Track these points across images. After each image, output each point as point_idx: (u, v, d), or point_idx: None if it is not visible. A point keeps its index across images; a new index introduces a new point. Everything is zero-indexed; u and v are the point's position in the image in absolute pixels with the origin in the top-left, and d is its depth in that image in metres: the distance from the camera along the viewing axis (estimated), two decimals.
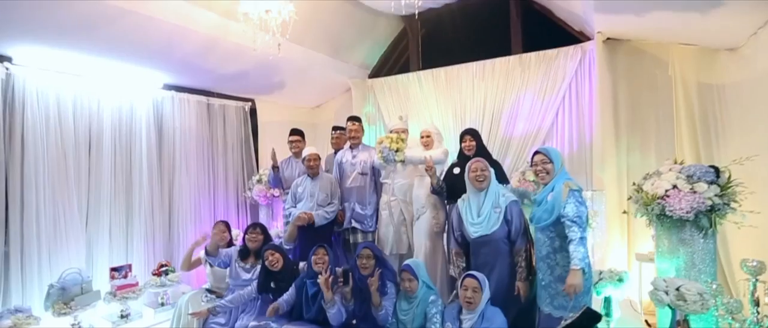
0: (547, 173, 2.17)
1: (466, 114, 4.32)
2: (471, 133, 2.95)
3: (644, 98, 3.59)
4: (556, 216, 2.06)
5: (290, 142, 3.73)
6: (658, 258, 2.53)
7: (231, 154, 4.48)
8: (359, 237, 3.32)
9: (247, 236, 3.01)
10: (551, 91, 3.90)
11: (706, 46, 3.27)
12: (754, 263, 2.15)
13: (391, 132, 3.15)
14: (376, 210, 3.36)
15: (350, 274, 2.52)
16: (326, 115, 5.39)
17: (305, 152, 3.40)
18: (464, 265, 2.50)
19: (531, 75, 4.00)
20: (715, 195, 2.22)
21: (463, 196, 2.57)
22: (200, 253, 3.20)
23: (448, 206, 3.05)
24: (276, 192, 4.18)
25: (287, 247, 3.06)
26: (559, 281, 2.07)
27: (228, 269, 3.11)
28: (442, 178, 2.98)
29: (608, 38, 3.57)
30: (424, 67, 4.71)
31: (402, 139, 2.93)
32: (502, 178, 2.82)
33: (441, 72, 4.50)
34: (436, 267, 2.94)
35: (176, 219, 3.91)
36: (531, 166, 2.31)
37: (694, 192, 2.24)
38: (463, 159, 2.85)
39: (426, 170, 2.86)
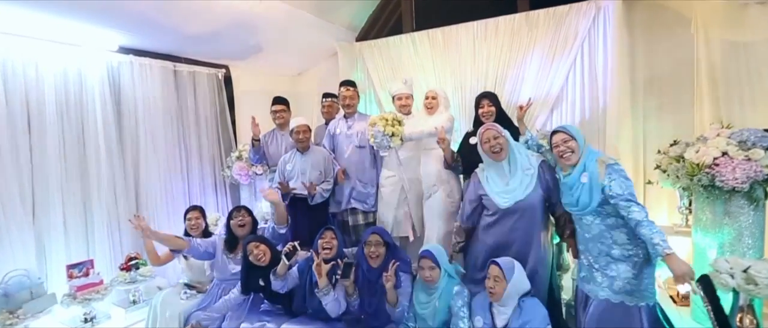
0: (572, 151, 1.89)
1: (466, 79, 3.94)
2: (489, 98, 2.57)
3: (663, 59, 3.33)
4: (599, 198, 1.79)
5: (274, 112, 3.26)
6: (696, 232, 2.31)
7: (205, 128, 3.95)
8: (360, 218, 2.96)
9: (231, 223, 2.60)
10: (561, 53, 3.56)
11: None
12: None
13: (396, 97, 2.72)
14: (377, 187, 2.99)
15: (353, 268, 2.17)
16: (309, 83, 4.89)
17: (293, 123, 2.96)
18: (462, 243, 2.29)
19: (539, 34, 3.64)
20: None
21: (481, 165, 2.25)
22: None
23: (464, 182, 2.71)
24: (259, 169, 3.73)
25: (281, 231, 2.65)
26: (620, 261, 1.81)
27: (210, 261, 2.70)
28: (455, 149, 2.62)
29: None
30: (419, 28, 4.26)
31: (398, 121, 2.50)
32: None
33: (438, 33, 4.06)
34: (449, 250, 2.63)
35: (145, 204, 3.41)
36: (550, 148, 2.00)
37: (749, 160, 1.99)
38: (478, 127, 2.49)
39: (438, 143, 2.49)
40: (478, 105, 2.57)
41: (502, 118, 2.52)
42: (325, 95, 3.34)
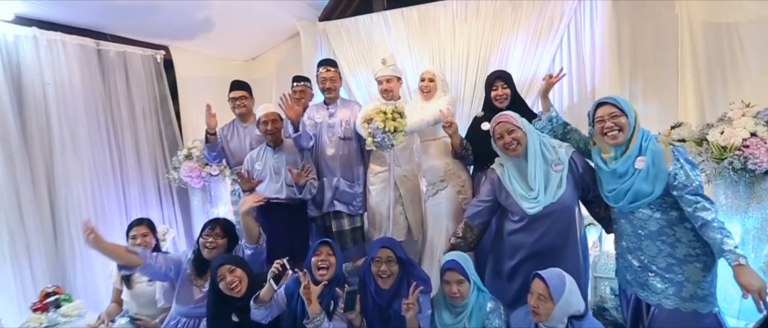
0: (620, 129, 1.57)
1: (446, 62, 3.64)
2: (504, 79, 2.23)
3: (647, 41, 3.25)
4: (662, 188, 1.52)
5: (233, 99, 2.70)
6: None
7: (142, 121, 3.26)
8: (345, 223, 2.53)
9: (201, 241, 2.04)
10: (547, 34, 3.37)
11: None
12: None
13: (382, 88, 2.31)
14: (365, 186, 2.58)
15: (357, 296, 1.75)
16: (266, 69, 4.30)
17: (259, 112, 2.44)
18: (462, 242, 1.95)
19: (523, 15, 3.42)
20: None
21: (498, 160, 1.93)
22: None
23: (475, 174, 2.37)
24: (214, 169, 3.13)
25: (248, 251, 2.11)
26: (686, 262, 1.55)
27: (164, 286, 2.13)
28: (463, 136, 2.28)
29: None
30: (391, 6, 3.86)
31: (399, 113, 2.05)
32: None
33: (413, 12, 3.70)
34: None
35: (64, 220, 2.69)
36: (591, 124, 1.70)
37: None
38: (491, 112, 2.17)
39: (445, 128, 2.13)
40: (491, 86, 2.23)
41: (517, 102, 2.22)
42: (297, 79, 2.83)
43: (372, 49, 3.85)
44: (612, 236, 1.86)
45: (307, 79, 2.85)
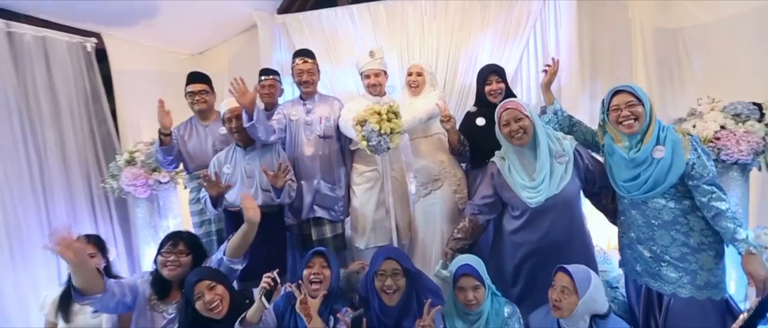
0: (636, 119, 1.57)
1: (415, 61, 3.51)
2: (498, 73, 2.18)
3: (605, 44, 3.44)
4: (678, 177, 1.53)
5: (191, 94, 2.36)
6: None
7: (68, 120, 2.75)
8: (327, 230, 2.31)
9: (160, 259, 1.70)
10: (514, 34, 3.42)
11: None
12: None
13: (364, 75, 2.14)
14: (348, 189, 2.38)
15: (363, 320, 1.56)
16: (216, 64, 3.89)
17: (223, 108, 2.15)
18: (468, 242, 1.88)
19: (491, 14, 3.44)
20: (765, 134, 2.03)
21: (499, 153, 1.85)
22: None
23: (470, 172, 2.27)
24: (164, 175, 2.73)
25: (235, 267, 1.81)
26: (700, 251, 1.56)
27: (111, 318, 1.76)
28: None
29: None
30: (356, 1, 3.69)
31: (395, 113, 1.89)
32: None
33: (380, 7, 3.57)
34: None
35: None
36: (605, 112, 1.68)
37: (747, 132, 2.01)
38: (485, 107, 2.09)
39: (442, 122, 2.01)
40: (485, 81, 2.16)
41: (510, 97, 2.15)
42: (265, 72, 2.54)
43: (337, 44, 3.65)
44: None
45: (276, 73, 2.59)
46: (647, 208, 1.61)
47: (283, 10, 3.80)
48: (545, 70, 1.98)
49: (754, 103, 2.11)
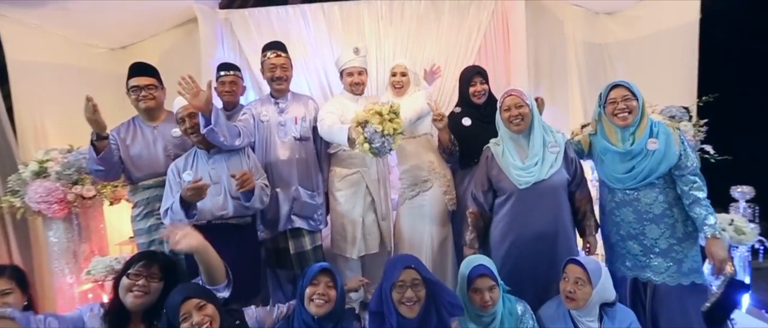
0: (630, 112, 1.70)
1: (372, 65, 3.46)
2: (482, 75, 2.20)
3: (546, 54, 3.72)
4: (668, 167, 1.67)
5: (136, 89, 1.98)
6: None
7: None
8: (306, 242, 2.10)
9: (126, 282, 1.36)
10: (466, 44, 3.56)
11: (588, 8, 3.61)
12: None
13: (345, 72, 2.04)
14: (327, 195, 2.19)
15: None
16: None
17: (176, 106, 1.85)
18: (473, 235, 1.88)
19: (445, 23, 3.54)
20: (695, 133, 2.36)
21: (494, 140, 1.91)
22: None
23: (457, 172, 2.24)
24: (88, 190, 2.25)
25: (223, 294, 1.49)
26: (684, 240, 1.70)
27: None
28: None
29: None
30: (309, 0, 3.52)
31: (395, 113, 1.77)
32: None
33: (334, 8, 3.45)
34: (446, 263, 2.12)
35: None
36: (602, 106, 1.80)
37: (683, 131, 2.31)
38: (469, 107, 2.10)
39: (435, 122, 1.97)
40: (469, 82, 2.17)
41: (491, 99, 2.20)
42: (224, 67, 2.25)
43: (289, 44, 3.36)
44: None
45: (236, 68, 2.31)
46: (639, 203, 1.73)
47: (225, 4, 3.46)
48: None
49: (683, 107, 2.45)
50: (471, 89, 2.15)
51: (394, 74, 2.25)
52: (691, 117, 2.45)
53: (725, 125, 2.67)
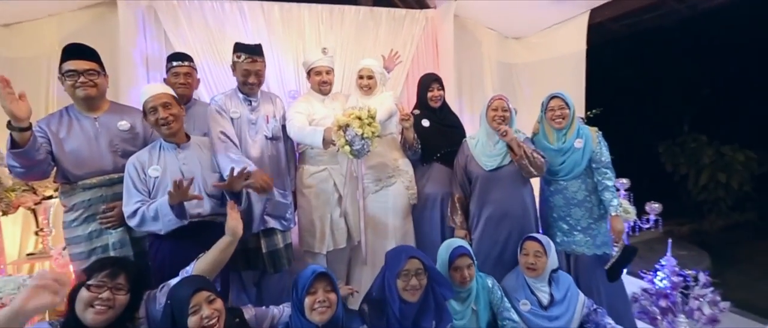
0: (563, 118, 2.13)
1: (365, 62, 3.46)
2: (439, 82, 2.42)
3: (467, 70, 4.17)
4: (588, 161, 2.12)
5: (72, 74, 1.69)
6: None
7: None
8: (279, 241, 2.05)
9: (85, 296, 1.19)
10: (402, 53, 3.76)
11: (500, 32, 4.19)
12: None
13: (313, 71, 2.11)
14: (294, 193, 2.16)
15: None
16: (36, 45, 2.85)
17: (147, 94, 1.69)
18: (462, 217, 2.18)
19: (382, 32, 3.73)
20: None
21: (471, 135, 2.26)
22: None
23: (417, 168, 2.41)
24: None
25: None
26: (599, 220, 2.16)
27: None
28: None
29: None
30: None
31: (372, 117, 1.87)
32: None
33: (274, 7, 3.40)
34: None
35: None
36: (544, 111, 2.18)
37: None
38: (428, 111, 2.33)
39: (401, 122, 2.12)
40: (427, 88, 2.38)
41: (445, 103, 2.46)
42: (176, 57, 2.05)
43: (224, 40, 3.23)
44: None
45: (189, 59, 2.13)
46: (567, 191, 2.18)
47: None
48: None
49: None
50: (429, 94, 2.37)
51: (361, 77, 2.33)
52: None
53: (606, 132, 3.37)
